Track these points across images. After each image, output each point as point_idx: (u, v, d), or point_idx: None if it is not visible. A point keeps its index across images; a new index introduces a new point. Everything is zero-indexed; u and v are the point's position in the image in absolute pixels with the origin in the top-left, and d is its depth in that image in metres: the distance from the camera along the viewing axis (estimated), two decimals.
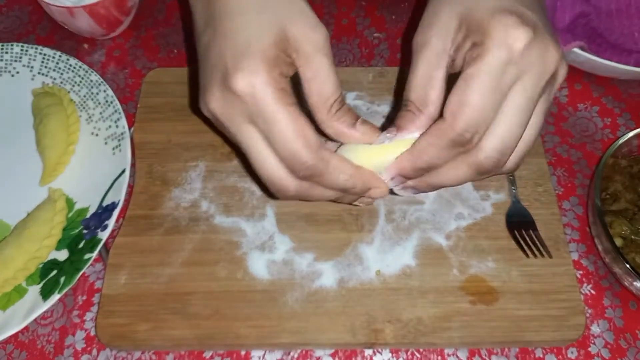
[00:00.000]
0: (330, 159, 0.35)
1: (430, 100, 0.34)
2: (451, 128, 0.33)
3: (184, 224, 0.50)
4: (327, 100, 0.34)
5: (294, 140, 0.33)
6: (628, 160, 0.52)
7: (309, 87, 0.35)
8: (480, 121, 0.33)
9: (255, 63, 0.32)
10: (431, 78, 0.34)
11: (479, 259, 0.48)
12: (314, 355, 0.46)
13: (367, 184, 0.36)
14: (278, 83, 0.33)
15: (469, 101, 0.32)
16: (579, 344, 0.47)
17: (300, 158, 0.34)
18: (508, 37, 0.32)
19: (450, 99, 0.33)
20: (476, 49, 0.33)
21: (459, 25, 0.34)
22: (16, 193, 0.53)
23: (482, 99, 0.32)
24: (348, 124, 0.35)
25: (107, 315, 0.46)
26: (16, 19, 0.66)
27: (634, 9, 0.63)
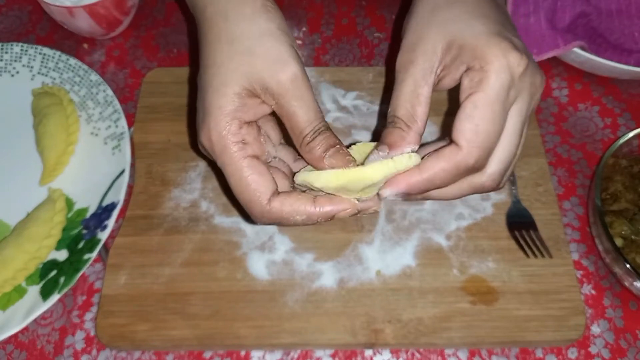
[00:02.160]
0: (282, 207, 0.35)
1: (418, 116, 0.35)
2: (469, 156, 0.33)
3: (183, 224, 0.50)
4: (299, 135, 0.35)
5: (244, 193, 0.35)
6: (628, 160, 0.52)
7: (283, 122, 0.36)
8: (491, 147, 0.34)
9: (213, 120, 0.35)
10: (418, 95, 0.35)
11: (480, 259, 0.48)
12: (314, 356, 0.46)
13: (329, 214, 0.36)
14: (235, 136, 0.35)
15: (484, 128, 0.33)
16: (579, 344, 0.47)
17: (250, 209, 0.36)
18: (509, 61, 0.33)
19: (463, 126, 0.33)
20: (477, 74, 0.34)
21: (447, 47, 0.35)
22: (16, 193, 0.53)
23: (493, 125, 0.33)
24: (318, 156, 0.35)
25: (107, 316, 0.46)
26: (16, 19, 0.66)
27: (634, 9, 0.63)
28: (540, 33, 0.59)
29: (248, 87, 0.35)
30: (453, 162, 0.34)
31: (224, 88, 0.35)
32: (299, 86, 0.35)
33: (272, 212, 0.35)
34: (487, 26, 0.35)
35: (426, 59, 0.35)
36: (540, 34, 0.58)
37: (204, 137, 0.36)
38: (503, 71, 0.33)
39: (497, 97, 0.33)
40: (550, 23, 0.59)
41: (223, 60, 0.36)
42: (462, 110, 0.34)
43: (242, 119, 0.35)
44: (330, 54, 0.63)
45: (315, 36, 0.65)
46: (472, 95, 0.33)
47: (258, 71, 0.35)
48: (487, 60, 0.33)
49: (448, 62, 0.35)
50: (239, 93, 0.35)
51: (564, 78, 0.61)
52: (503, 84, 0.33)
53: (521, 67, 0.34)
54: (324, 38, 0.65)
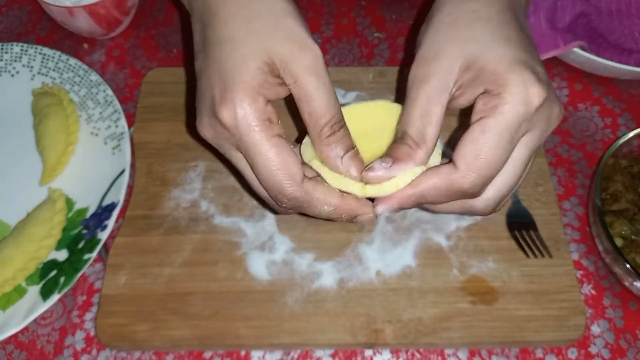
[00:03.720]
0: (313, 192, 0.34)
1: (428, 136, 0.34)
2: (463, 180, 0.33)
3: (183, 224, 0.50)
4: (317, 121, 0.34)
5: (276, 173, 0.34)
6: (628, 160, 0.52)
7: (300, 107, 0.34)
8: (492, 174, 0.33)
9: (238, 94, 0.33)
10: (430, 114, 0.34)
11: (479, 259, 0.48)
12: (314, 356, 0.46)
13: (353, 212, 0.36)
14: (262, 113, 0.33)
15: (485, 155, 0.32)
16: (579, 344, 0.47)
17: (282, 191, 0.34)
18: (528, 94, 0.32)
19: (465, 148, 0.33)
20: (492, 99, 0.32)
21: (466, 67, 0.34)
22: (16, 193, 0.53)
23: (496, 154, 0.32)
24: (335, 154, 0.34)
25: (107, 316, 0.46)
26: (16, 19, 0.66)
27: (634, 9, 0.63)
28: (540, 33, 0.59)
29: (269, 63, 0.33)
30: (447, 180, 0.33)
31: (245, 62, 0.33)
32: (320, 68, 0.34)
33: (304, 195, 0.34)
34: (511, 51, 0.33)
35: (442, 77, 0.34)
36: (540, 34, 0.58)
37: (226, 115, 0.33)
38: (520, 103, 0.32)
39: (508, 127, 0.32)
40: (550, 23, 0.59)
41: (242, 34, 0.34)
42: (469, 133, 0.33)
43: (266, 96, 0.34)
44: (330, 54, 0.63)
45: (315, 36, 0.65)
46: (482, 120, 0.32)
47: (280, 48, 0.33)
48: (506, 87, 0.32)
49: (465, 82, 0.34)
50: (261, 68, 0.33)
51: (564, 78, 0.61)
52: (517, 115, 0.32)
53: (540, 100, 0.32)
54: (324, 38, 0.65)
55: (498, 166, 0.33)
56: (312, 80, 0.33)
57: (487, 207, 0.35)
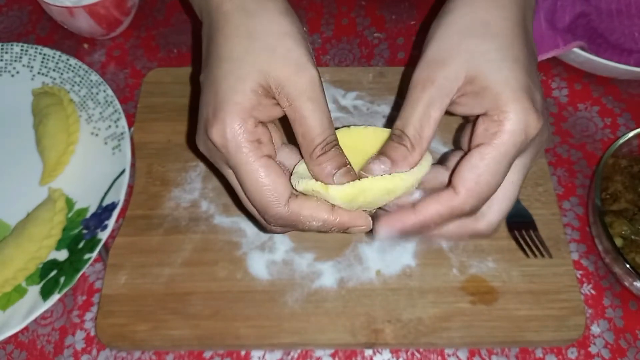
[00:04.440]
0: (300, 210, 0.35)
1: (425, 138, 0.35)
2: (464, 205, 0.34)
3: (183, 224, 0.50)
4: (310, 143, 0.34)
5: (262, 194, 0.34)
6: (628, 160, 0.52)
7: (294, 128, 0.35)
8: (488, 197, 0.35)
9: (229, 115, 0.34)
10: (429, 117, 0.35)
11: (479, 259, 0.48)
12: (314, 356, 0.46)
13: (344, 225, 0.36)
14: (251, 134, 0.34)
15: (485, 181, 0.34)
16: (579, 344, 0.47)
17: (268, 211, 0.35)
18: (527, 123, 0.33)
19: (465, 174, 0.34)
20: (493, 125, 0.33)
21: (471, 79, 0.34)
22: (16, 193, 0.53)
23: (494, 179, 0.34)
24: (327, 173, 0.35)
25: (107, 316, 0.46)
26: (16, 19, 0.66)
27: (634, 9, 0.63)
28: (540, 33, 0.59)
29: (264, 85, 0.34)
30: (449, 207, 0.34)
31: (240, 84, 0.34)
32: (315, 91, 0.34)
33: (290, 215, 0.35)
34: (516, 74, 0.34)
35: (445, 83, 0.35)
36: (540, 34, 0.58)
37: (216, 134, 0.34)
38: (519, 132, 0.33)
39: (506, 154, 0.33)
40: (550, 23, 0.59)
41: (240, 54, 0.35)
42: (468, 159, 0.34)
43: (258, 118, 0.35)
44: (330, 54, 0.63)
45: (315, 36, 0.65)
46: (482, 147, 0.34)
47: (276, 70, 0.34)
48: (507, 116, 0.33)
49: (467, 92, 0.35)
50: (255, 90, 0.34)
51: (564, 78, 0.61)
52: (516, 143, 0.33)
53: (536, 131, 0.34)
54: (324, 38, 0.65)
55: (496, 188, 0.35)
56: (307, 104, 0.34)
57: (492, 230, 0.37)
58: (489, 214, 0.36)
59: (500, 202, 0.36)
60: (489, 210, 0.36)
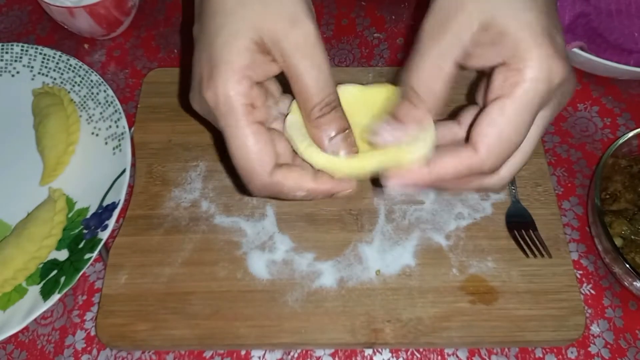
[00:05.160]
0: (284, 181, 0.33)
1: (437, 94, 0.32)
2: (484, 163, 0.32)
3: (184, 224, 0.50)
4: (308, 102, 0.33)
5: (247, 161, 0.33)
6: (628, 160, 0.52)
7: (292, 85, 0.33)
8: (509, 155, 0.32)
9: (222, 76, 0.32)
10: (440, 70, 0.32)
11: (479, 259, 0.49)
12: (314, 355, 0.46)
13: (329, 193, 0.34)
14: (245, 97, 0.32)
15: (506, 137, 0.31)
16: (578, 344, 0.47)
17: (252, 180, 0.34)
18: (550, 71, 0.30)
19: (485, 131, 0.31)
20: (512, 75, 0.31)
21: (486, 26, 0.31)
22: (16, 193, 0.53)
23: (516, 135, 0.31)
24: (326, 136, 0.33)
25: (107, 315, 0.46)
26: (16, 19, 0.66)
27: (634, 9, 0.63)
28: None
29: (258, 41, 0.32)
30: (467, 165, 0.32)
31: (233, 40, 0.32)
32: (312, 46, 0.32)
33: (274, 185, 0.33)
34: (536, 17, 0.31)
35: (458, 31, 0.31)
36: None
37: (209, 94, 0.32)
38: (542, 81, 0.30)
39: (528, 106, 0.31)
40: None
41: (233, 7, 0.32)
42: (487, 114, 0.31)
43: (252, 78, 0.33)
44: (330, 55, 0.63)
45: None
46: (501, 99, 0.31)
47: (269, 24, 0.32)
48: (528, 63, 0.30)
49: (482, 42, 0.31)
50: (248, 47, 0.32)
51: None
52: (538, 94, 0.30)
53: (561, 77, 0.31)
54: (324, 39, 0.65)
55: (518, 145, 0.32)
56: (303, 61, 0.32)
57: (503, 185, 0.35)
58: (502, 169, 0.34)
59: (515, 156, 0.33)
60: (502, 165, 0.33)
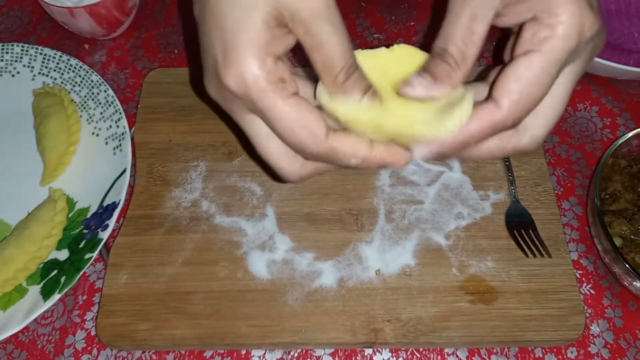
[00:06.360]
0: (339, 146, 0.32)
1: (470, 56, 0.32)
2: (507, 118, 0.31)
3: (184, 224, 0.50)
4: (332, 70, 0.31)
5: (298, 133, 0.31)
6: (627, 160, 0.52)
7: (311, 56, 0.32)
8: (532, 109, 0.32)
9: (244, 57, 0.30)
10: (473, 32, 0.31)
11: (479, 259, 0.49)
12: (314, 355, 0.47)
13: (383, 161, 0.33)
14: (273, 75, 0.31)
15: (532, 93, 0.30)
16: (578, 344, 0.47)
17: (307, 149, 0.32)
18: (582, 24, 0.30)
19: (510, 85, 0.31)
20: (543, 30, 0.30)
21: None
22: (17, 193, 0.53)
23: (541, 90, 0.31)
24: (354, 99, 0.32)
25: (108, 315, 0.46)
26: (16, 19, 0.66)
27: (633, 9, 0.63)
28: None
29: (275, 14, 0.30)
30: (491, 122, 0.31)
31: (249, 17, 0.30)
32: (332, 12, 0.31)
33: (330, 151, 0.32)
34: None
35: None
36: None
37: (233, 81, 0.30)
38: (573, 36, 0.29)
39: (556, 62, 0.30)
40: None
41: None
42: (513, 68, 0.31)
43: (275, 53, 0.31)
44: None
45: None
46: (529, 54, 0.30)
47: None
48: (560, 18, 0.29)
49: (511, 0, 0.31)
50: (267, 21, 0.30)
51: None
52: (568, 49, 0.30)
53: (592, 31, 0.30)
54: None
55: (542, 99, 0.31)
56: (325, 28, 0.30)
57: (537, 144, 0.34)
58: (534, 128, 0.33)
59: (547, 114, 0.33)
60: (533, 123, 0.33)
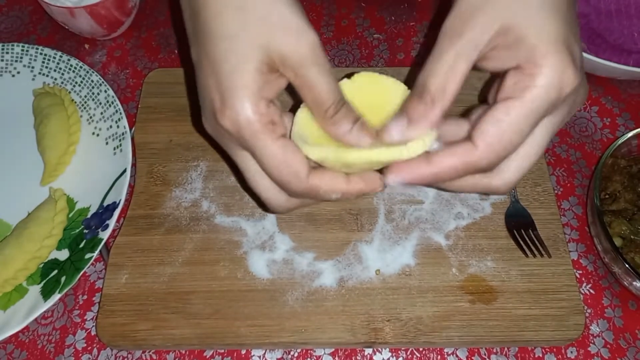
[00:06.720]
0: (320, 184, 0.35)
1: (448, 93, 0.33)
2: (482, 159, 0.32)
3: (184, 224, 0.50)
4: (322, 106, 0.34)
5: (282, 172, 0.34)
6: (627, 160, 0.52)
7: (302, 95, 0.34)
8: (507, 155, 0.33)
9: (239, 101, 0.33)
10: (455, 71, 0.32)
11: (478, 259, 0.49)
12: (314, 354, 0.47)
13: (361, 192, 0.36)
14: (264, 117, 0.33)
15: (507, 138, 0.32)
16: (578, 344, 0.47)
17: (290, 186, 0.35)
18: (562, 79, 0.31)
19: (487, 128, 0.32)
20: (524, 79, 0.31)
21: (504, 30, 0.32)
22: (17, 193, 0.53)
23: (518, 137, 0.32)
24: (345, 130, 0.34)
25: (108, 315, 0.46)
26: (17, 19, 0.67)
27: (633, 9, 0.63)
28: None
29: (267, 62, 0.33)
30: (465, 161, 0.33)
31: (243, 65, 0.32)
32: (319, 55, 0.33)
33: (311, 189, 0.35)
34: (555, 25, 0.31)
35: (477, 34, 0.32)
36: None
37: (229, 122, 0.33)
38: (553, 88, 0.31)
39: (534, 111, 0.31)
40: None
41: (236, 30, 0.33)
42: (492, 112, 0.32)
43: (267, 97, 0.33)
44: (331, 55, 0.64)
45: None
46: (509, 100, 0.31)
47: (276, 41, 0.32)
48: (542, 70, 0.31)
49: (498, 45, 0.32)
50: (259, 69, 0.33)
51: None
52: (547, 100, 0.31)
53: (572, 86, 0.31)
54: (324, 39, 0.65)
55: (518, 146, 0.33)
56: (313, 70, 0.33)
57: (508, 188, 0.35)
58: (507, 172, 0.34)
59: (521, 160, 0.34)
60: (507, 167, 0.34)
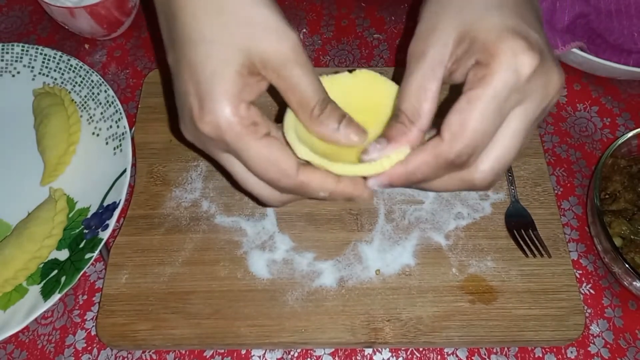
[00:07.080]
0: (309, 181, 0.34)
1: (423, 112, 0.34)
2: (449, 150, 0.32)
3: (184, 224, 0.50)
4: (307, 107, 0.34)
5: (270, 170, 0.34)
6: (627, 160, 0.52)
7: (286, 97, 0.34)
8: (478, 144, 0.33)
9: (220, 104, 0.32)
10: (425, 90, 0.33)
11: (478, 259, 0.49)
12: (314, 354, 0.47)
13: (349, 195, 0.36)
14: (245, 119, 0.33)
15: (471, 125, 0.32)
16: (578, 344, 0.47)
17: (279, 184, 0.35)
18: (516, 62, 0.31)
19: (450, 118, 0.32)
20: (481, 70, 0.32)
21: (460, 39, 0.33)
22: (17, 193, 0.53)
23: (483, 123, 0.32)
24: (332, 129, 0.34)
25: (108, 315, 0.46)
26: (17, 19, 0.67)
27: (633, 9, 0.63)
28: None
29: (248, 65, 0.33)
30: (434, 154, 0.33)
31: (223, 67, 0.32)
32: (300, 56, 0.33)
33: (300, 185, 0.34)
34: (502, 19, 0.32)
35: (437, 51, 0.33)
36: None
37: (209, 126, 0.33)
38: (508, 71, 0.31)
39: (494, 97, 0.31)
40: (549, 24, 0.59)
41: (215, 34, 0.33)
42: (456, 104, 0.32)
43: (247, 100, 0.33)
44: (330, 55, 0.64)
45: (315, 37, 0.65)
46: (469, 91, 0.32)
47: (257, 45, 0.32)
48: (494, 57, 0.31)
49: (459, 54, 0.33)
50: (239, 72, 0.32)
51: None
52: (505, 84, 0.31)
53: (530, 69, 0.31)
54: (324, 39, 0.65)
55: (485, 136, 0.32)
56: (295, 71, 0.33)
57: (484, 179, 0.35)
58: (483, 164, 0.34)
59: (496, 150, 0.34)
60: (485, 158, 0.34)
